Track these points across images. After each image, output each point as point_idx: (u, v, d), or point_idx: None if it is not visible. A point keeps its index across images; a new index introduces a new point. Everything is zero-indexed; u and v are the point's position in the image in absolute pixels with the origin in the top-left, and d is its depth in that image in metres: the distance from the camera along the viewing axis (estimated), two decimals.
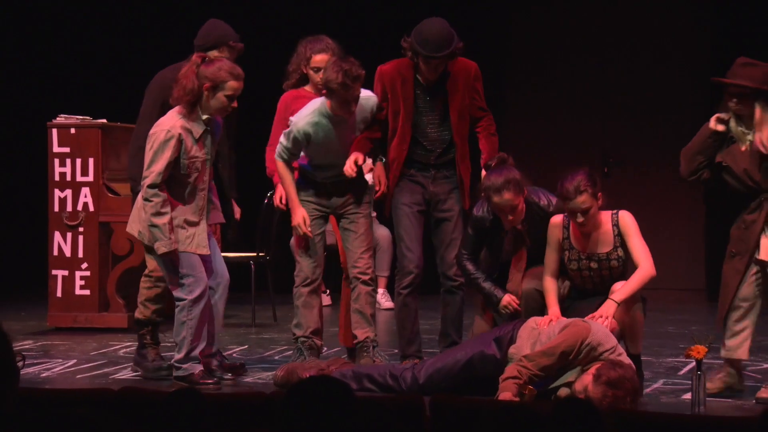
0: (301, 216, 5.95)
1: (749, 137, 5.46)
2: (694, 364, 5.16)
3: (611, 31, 9.67)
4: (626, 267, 5.61)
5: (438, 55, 5.75)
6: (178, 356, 5.68)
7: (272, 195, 6.33)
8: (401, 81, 5.89)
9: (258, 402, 4.04)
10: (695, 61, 9.50)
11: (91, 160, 7.60)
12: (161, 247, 5.59)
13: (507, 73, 9.60)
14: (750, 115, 5.46)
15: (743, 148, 5.49)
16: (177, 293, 5.65)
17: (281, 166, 5.99)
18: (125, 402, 4.02)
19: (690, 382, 5.23)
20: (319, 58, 6.26)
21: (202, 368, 5.66)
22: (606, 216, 5.63)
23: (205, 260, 5.75)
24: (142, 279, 6.19)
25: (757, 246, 5.46)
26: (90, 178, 7.61)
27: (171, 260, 5.61)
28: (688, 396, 5.35)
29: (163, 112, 5.77)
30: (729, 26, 9.14)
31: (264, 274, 8.09)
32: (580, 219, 5.51)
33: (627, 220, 5.60)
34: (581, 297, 5.68)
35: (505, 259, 5.80)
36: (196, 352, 5.65)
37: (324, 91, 5.85)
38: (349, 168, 5.84)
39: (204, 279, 5.66)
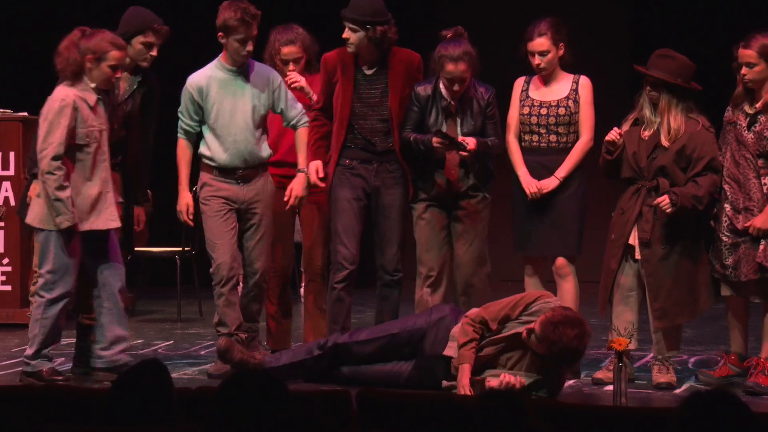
0: (185, 202, 5.93)
1: (656, 124, 5.64)
2: (615, 356, 5.24)
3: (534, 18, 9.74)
4: (572, 121, 5.90)
5: (346, 14, 5.80)
6: (28, 351, 5.66)
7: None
8: (342, 66, 5.91)
9: (184, 397, 4.02)
10: (616, 49, 9.60)
11: (12, 154, 7.49)
12: (64, 222, 5.51)
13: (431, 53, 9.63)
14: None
15: (644, 134, 5.67)
16: (38, 288, 5.63)
17: (180, 145, 5.96)
18: (49, 398, 3.98)
19: (611, 373, 5.32)
20: (287, 50, 6.20)
21: (51, 365, 5.65)
22: (568, 76, 5.94)
23: (112, 241, 5.67)
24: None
25: (631, 232, 5.66)
26: (11, 172, 7.50)
27: (67, 238, 5.53)
28: (610, 388, 5.44)
29: None
30: (649, 14, 9.28)
31: (189, 269, 8.04)
32: (537, 60, 5.84)
33: (587, 84, 5.94)
34: (526, 152, 5.92)
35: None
36: (47, 350, 5.63)
37: (220, 34, 5.84)
38: (314, 176, 5.88)
39: (70, 280, 5.59)
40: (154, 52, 5.92)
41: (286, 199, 5.96)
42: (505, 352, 5.34)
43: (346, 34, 5.87)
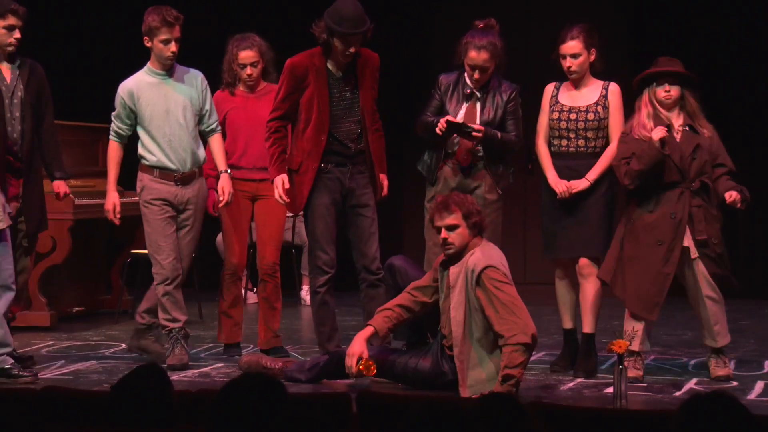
0: (112, 202, 6.10)
1: (681, 124, 5.71)
2: (615, 358, 5.24)
3: (534, 16, 9.73)
4: (601, 126, 5.94)
5: (357, 31, 5.77)
6: None
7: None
8: (314, 70, 5.88)
9: (185, 400, 4.02)
10: (616, 51, 9.60)
11: None
12: None
13: (431, 54, 9.63)
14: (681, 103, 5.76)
15: (677, 138, 5.72)
16: None
17: (111, 147, 6.12)
18: (48, 401, 3.99)
19: (612, 376, 5.31)
20: (245, 55, 6.32)
21: None
22: (598, 82, 6.00)
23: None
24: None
25: (684, 235, 5.66)
26: None
27: None
28: (610, 390, 5.44)
29: None
30: (649, 16, 9.29)
31: (190, 272, 8.03)
32: (568, 63, 5.91)
33: (616, 90, 5.98)
34: (555, 156, 5.98)
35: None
36: None
37: (146, 38, 5.98)
38: (280, 190, 5.88)
39: (10, 271, 5.59)
40: (17, 35, 5.94)
41: (220, 197, 6.11)
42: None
43: (355, 49, 5.81)
